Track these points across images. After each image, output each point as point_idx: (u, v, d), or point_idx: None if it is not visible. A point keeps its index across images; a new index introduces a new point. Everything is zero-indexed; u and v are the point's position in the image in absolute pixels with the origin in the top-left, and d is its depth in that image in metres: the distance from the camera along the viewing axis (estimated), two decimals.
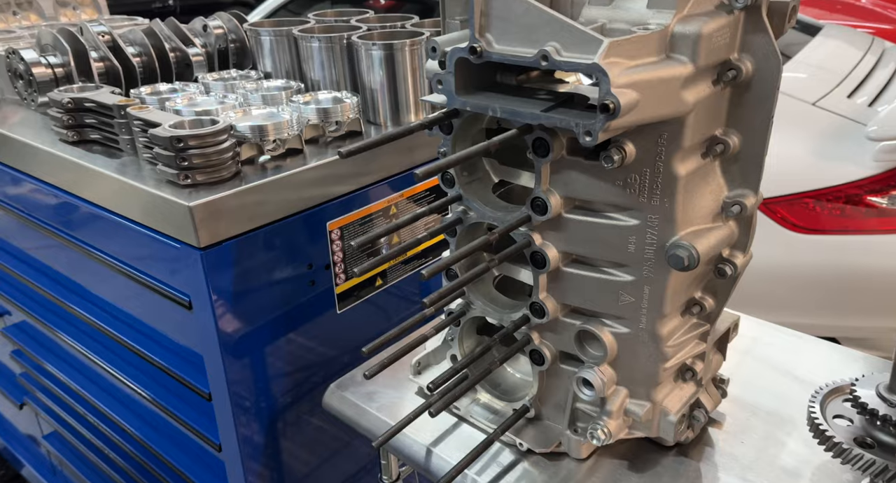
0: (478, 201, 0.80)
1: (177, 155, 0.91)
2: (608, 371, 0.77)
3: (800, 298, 2.16)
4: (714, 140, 0.67)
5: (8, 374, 1.90)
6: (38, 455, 2.05)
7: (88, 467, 1.70)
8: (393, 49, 1.17)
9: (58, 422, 1.67)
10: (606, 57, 0.57)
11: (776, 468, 0.80)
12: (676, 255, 0.66)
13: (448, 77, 0.70)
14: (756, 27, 0.62)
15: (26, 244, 1.42)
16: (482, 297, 0.87)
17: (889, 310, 2.11)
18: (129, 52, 1.31)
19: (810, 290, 2.14)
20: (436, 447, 0.88)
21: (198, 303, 0.97)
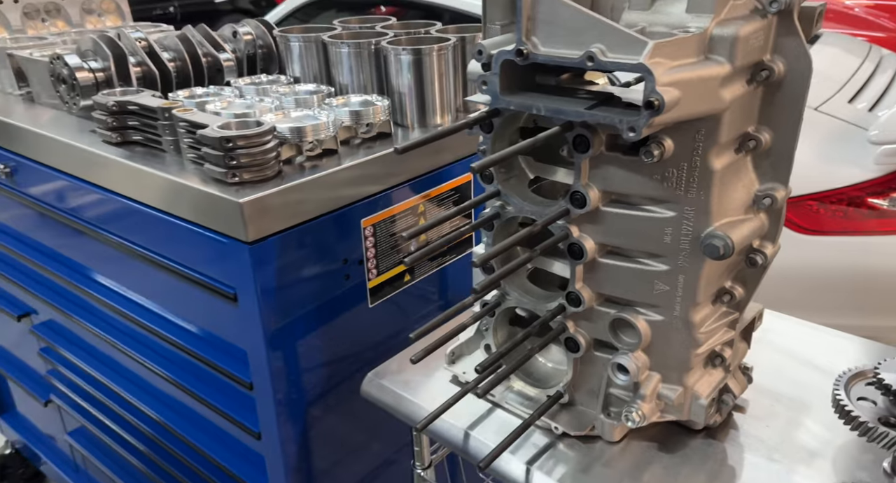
0: (516, 196, 0.83)
1: (225, 154, 0.94)
2: (642, 357, 0.80)
3: (803, 297, 2.19)
4: (747, 136, 0.70)
5: (33, 372, 1.93)
6: (59, 452, 2.07)
7: (115, 462, 1.72)
8: (421, 54, 1.20)
9: (85, 417, 1.70)
10: (651, 57, 0.60)
11: (800, 449, 0.83)
12: (712, 245, 0.69)
13: (493, 78, 0.73)
14: (788, 30, 0.65)
15: (62, 243, 1.44)
16: (517, 289, 0.90)
17: (890, 309, 2.14)
18: (165, 57, 1.34)
19: (813, 289, 2.17)
20: (473, 430, 0.90)
21: (243, 295, 0.99)
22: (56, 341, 1.65)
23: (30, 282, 1.63)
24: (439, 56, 1.21)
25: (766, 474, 0.80)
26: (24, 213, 1.50)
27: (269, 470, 1.15)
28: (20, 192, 1.42)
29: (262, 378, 1.05)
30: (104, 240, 1.24)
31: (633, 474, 0.82)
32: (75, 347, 1.62)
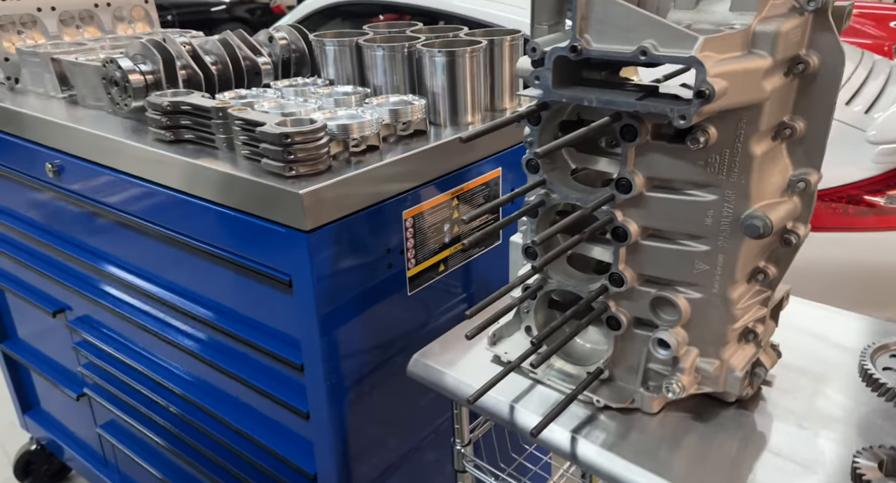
0: (561, 185, 0.88)
1: (284, 149, 0.99)
2: (681, 333, 0.85)
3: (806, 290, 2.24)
4: (783, 125, 0.75)
5: (63, 368, 1.96)
6: (88, 447, 2.09)
7: (149, 453, 1.75)
8: (455, 56, 1.25)
9: (120, 409, 1.73)
10: (702, 51, 0.65)
11: (826, 417, 0.88)
12: (753, 225, 0.74)
13: (546, 73, 0.78)
14: (823, 27, 0.70)
15: (107, 239, 1.48)
16: (560, 273, 0.94)
17: (888, 301, 2.20)
18: (207, 60, 1.38)
19: (816, 283, 2.22)
20: (517, 404, 0.95)
21: (299, 282, 1.04)
22: (92, 335, 1.69)
23: (69, 278, 1.67)
24: (472, 58, 1.26)
25: (795, 439, 0.85)
26: (69, 211, 1.54)
27: (317, 449, 1.19)
28: (67, 190, 1.46)
29: (313, 360, 1.09)
30: (154, 234, 1.29)
31: (671, 441, 0.86)
32: (112, 340, 1.66)
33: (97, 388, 1.82)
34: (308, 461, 1.23)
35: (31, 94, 1.64)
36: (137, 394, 1.63)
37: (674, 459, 0.83)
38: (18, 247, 1.84)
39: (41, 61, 1.59)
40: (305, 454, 1.24)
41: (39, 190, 1.60)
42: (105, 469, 2.05)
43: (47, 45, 1.69)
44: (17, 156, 1.58)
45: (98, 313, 1.66)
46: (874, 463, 0.76)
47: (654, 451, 0.85)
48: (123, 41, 1.76)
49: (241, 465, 1.40)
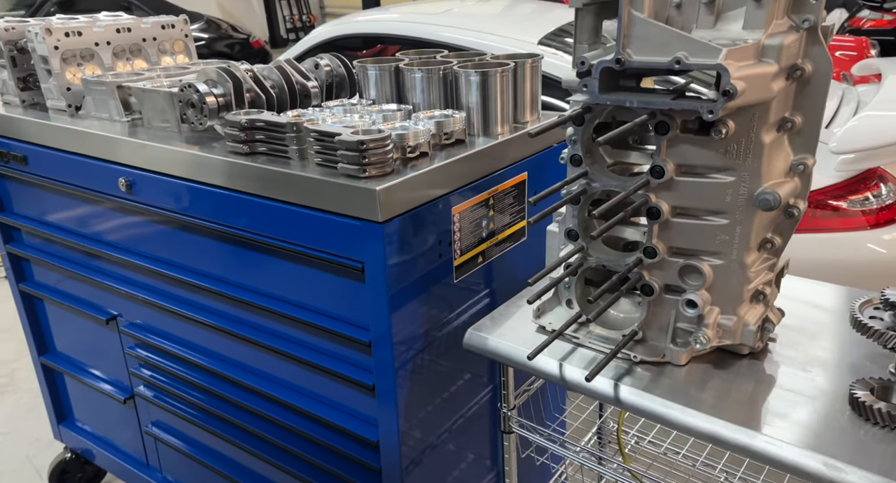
0: (602, 176, 1.02)
1: (360, 154, 1.12)
2: (706, 294, 0.99)
3: None
4: (785, 119, 0.91)
5: (107, 375, 2.03)
6: (127, 452, 2.15)
7: (200, 447, 1.83)
8: (487, 75, 1.39)
9: (175, 406, 1.81)
10: (726, 59, 0.80)
11: (824, 362, 1.02)
12: (765, 199, 0.89)
13: (593, 82, 0.92)
14: (814, 41, 0.86)
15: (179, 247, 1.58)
16: (598, 251, 1.08)
17: None
18: (268, 84, 1.52)
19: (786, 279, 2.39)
20: (565, 362, 1.08)
21: (371, 268, 1.16)
22: (149, 337, 1.78)
23: (129, 285, 1.76)
24: (502, 76, 1.40)
25: (800, 379, 0.99)
26: (139, 223, 1.64)
27: (381, 418, 1.30)
28: (138, 202, 1.57)
29: (381, 338, 1.21)
30: (227, 237, 1.40)
31: (698, 384, 1.00)
32: (170, 340, 1.75)
33: (150, 388, 1.89)
34: (370, 430, 1.34)
35: (94, 119, 1.75)
36: (194, 388, 1.72)
37: (702, 396, 0.97)
38: (69, 260, 1.92)
39: (107, 89, 1.71)
40: (367, 425, 1.34)
41: (103, 204, 1.70)
42: (147, 470, 2.11)
43: (109, 75, 1.80)
44: (85, 173, 1.69)
45: (156, 317, 1.75)
46: (867, 390, 0.90)
47: (684, 391, 0.98)
48: (174, 71, 1.88)
49: (301, 444, 1.50)
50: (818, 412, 0.91)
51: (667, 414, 0.95)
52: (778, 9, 0.84)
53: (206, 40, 8.01)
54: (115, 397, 2.03)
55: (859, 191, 2.39)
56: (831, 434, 0.87)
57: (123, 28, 1.97)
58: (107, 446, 2.22)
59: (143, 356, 1.84)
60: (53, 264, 1.95)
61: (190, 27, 2.18)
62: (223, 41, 8.15)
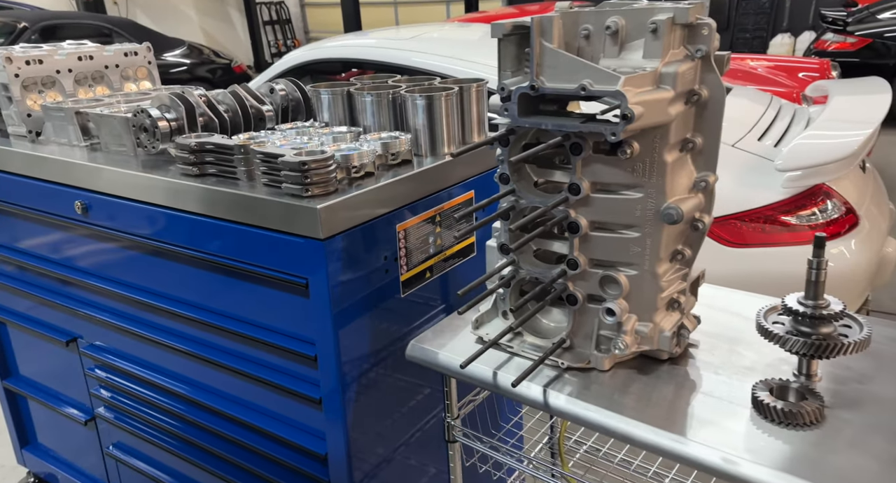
0: (527, 192, 1.10)
1: (302, 175, 1.19)
2: (623, 303, 1.07)
3: None
4: (686, 140, 0.99)
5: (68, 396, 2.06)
6: (88, 474, 2.17)
7: (160, 465, 1.86)
8: (433, 99, 1.48)
9: (134, 426, 1.84)
10: (624, 86, 0.89)
11: (738, 367, 1.10)
12: (669, 214, 0.97)
13: (513, 106, 1.01)
14: (708, 69, 0.95)
15: (134, 267, 1.63)
16: (528, 264, 1.16)
17: None
18: (221, 109, 1.59)
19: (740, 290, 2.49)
20: (499, 371, 1.14)
21: (315, 283, 1.22)
22: (107, 358, 1.82)
23: (86, 307, 1.80)
24: (447, 100, 1.49)
25: (715, 382, 1.07)
26: (93, 245, 1.69)
27: (328, 430, 1.35)
28: (95, 225, 1.62)
29: (326, 352, 1.27)
30: (178, 257, 1.46)
31: (621, 389, 1.07)
32: (128, 360, 1.79)
33: (111, 410, 1.93)
34: (318, 444, 1.39)
35: (54, 144, 1.80)
36: (152, 408, 1.76)
37: (624, 401, 1.04)
38: (29, 283, 1.96)
39: (66, 115, 1.77)
40: (315, 438, 1.40)
41: (61, 227, 1.75)
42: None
43: (69, 101, 1.86)
44: (43, 197, 1.74)
45: (113, 337, 1.79)
46: (767, 390, 0.98)
47: (608, 396, 1.05)
48: (134, 97, 1.95)
49: (253, 459, 1.54)
50: (726, 412, 0.99)
51: (589, 417, 1.02)
52: (674, 40, 0.93)
53: (187, 66, 8.11)
54: (77, 419, 2.06)
55: (806, 206, 2.51)
56: (734, 432, 0.94)
57: (85, 56, 2.04)
58: (69, 469, 2.24)
59: (103, 377, 1.88)
60: (13, 287, 1.99)
61: (152, 54, 2.25)
62: (205, 66, 8.26)
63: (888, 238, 2.73)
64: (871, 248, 2.55)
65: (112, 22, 8.19)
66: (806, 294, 0.99)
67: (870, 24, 7.51)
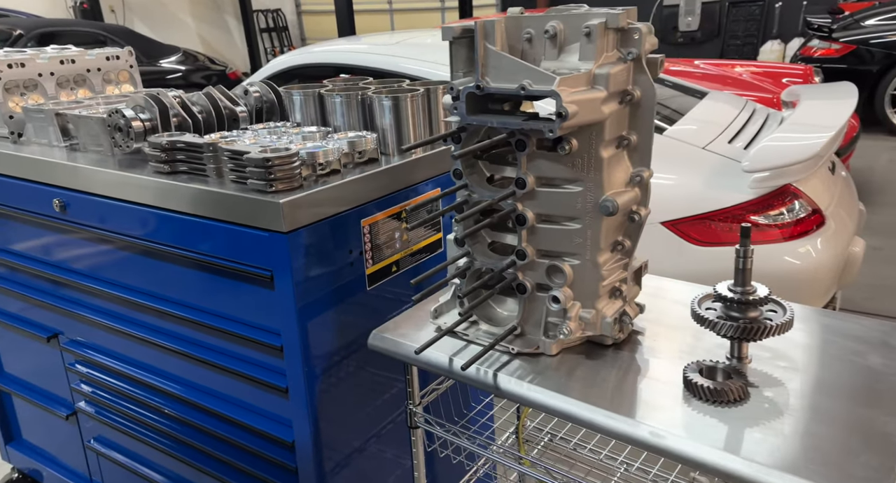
0: (478, 187, 1.17)
1: (266, 171, 1.26)
2: (568, 291, 1.14)
3: None
4: (622, 137, 1.06)
5: (50, 392, 2.11)
6: (71, 468, 2.22)
7: (139, 457, 1.92)
8: (399, 100, 1.55)
9: (113, 419, 1.90)
10: (559, 86, 0.96)
11: (677, 351, 1.17)
12: (606, 206, 1.04)
13: (461, 105, 1.08)
14: (640, 70, 1.02)
15: (110, 263, 1.69)
16: (482, 255, 1.22)
17: None
18: (195, 109, 1.65)
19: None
20: (455, 357, 1.21)
21: (279, 275, 1.29)
22: (87, 352, 1.87)
23: (66, 303, 1.86)
24: (412, 101, 1.56)
25: (657, 367, 1.13)
26: (71, 241, 1.75)
27: (295, 419, 1.41)
28: (73, 222, 1.68)
29: (292, 342, 1.33)
30: (151, 252, 1.52)
31: (568, 373, 1.14)
32: (106, 355, 1.85)
33: (90, 404, 1.98)
34: (286, 431, 1.45)
35: (35, 145, 1.86)
36: (130, 401, 1.81)
37: (571, 384, 1.10)
38: (11, 280, 2.02)
39: (46, 117, 1.83)
40: (283, 426, 1.46)
41: (41, 225, 1.80)
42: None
43: (49, 103, 1.93)
44: (22, 195, 1.80)
45: (92, 333, 1.85)
46: (697, 372, 1.04)
47: (555, 379, 1.12)
48: (114, 99, 2.01)
49: (225, 448, 1.60)
50: (661, 392, 1.06)
51: (535, 398, 1.09)
52: (607, 43, 1.01)
53: (182, 72, 8.20)
54: (58, 414, 2.11)
55: (774, 206, 2.59)
56: (666, 409, 1.01)
57: (67, 59, 2.10)
58: (52, 464, 2.29)
59: (83, 372, 1.93)
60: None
61: (134, 58, 2.31)
62: (200, 73, 8.35)
63: (855, 238, 2.82)
64: (838, 246, 2.63)
65: (107, 29, 8.27)
66: (735, 281, 1.06)
67: (854, 31, 7.65)
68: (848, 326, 1.19)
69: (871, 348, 1.11)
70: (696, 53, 10.94)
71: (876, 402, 0.97)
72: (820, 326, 1.21)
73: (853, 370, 1.06)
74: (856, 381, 1.03)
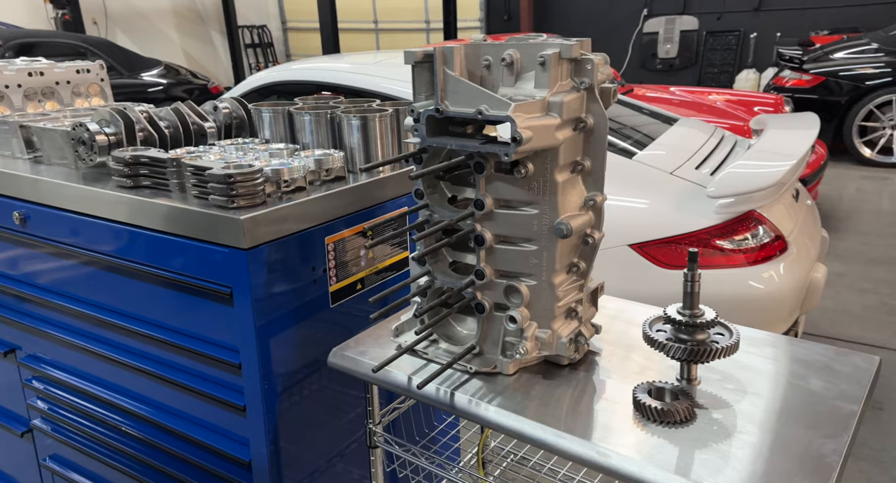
0: (439, 207, 1.20)
1: (227, 187, 1.28)
2: (525, 311, 1.16)
3: None
4: (576, 163, 1.10)
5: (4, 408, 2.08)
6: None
7: (95, 477, 1.89)
8: (367, 119, 1.58)
9: (69, 436, 1.87)
10: (514, 112, 0.99)
11: (630, 372, 1.20)
12: (560, 229, 1.08)
13: (421, 127, 1.11)
14: (593, 99, 1.07)
15: (68, 277, 1.68)
16: (442, 275, 1.25)
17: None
18: (162, 124, 1.66)
19: None
20: (414, 376, 1.22)
21: (238, 292, 1.30)
22: (44, 368, 1.85)
23: (23, 317, 1.84)
24: (380, 121, 1.59)
25: (611, 387, 1.16)
26: (30, 255, 1.74)
27: (252, 437, 1.41)
28: (32, 235, 1.67)
29: (250, 359, 1.34)
30: (110, 266, 1.52)
31: (525, 392, 1.16)
32: (63, 371, 1.83)
33: (47, 421, 1.95)
34: (243, 450, 1.45)
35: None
36: (87, 418, 1.79)
37: (527, 404, 1.12)
38: None
39: (10, 128, 1.83)
40: (240, 445, 1.45)
41: (1, 237, 1.79)
42: None
43: (15, 115, 1.92)
44: None
45: (51, 348, 1.83)
46: (646, 392, 1.07)
47: (511, 399, 1.14)
48: (82, 113, 2.02)
49: (183, 467, 1.59)
50: (614, 412, 1.08)
51: (490, 417, 1.11)
52: (561, 72, 1.05)
53: (163, 86, 8.18)
54: (13, 431, 2.07)
55: (738, 231, 2.66)
56: (616, 429, 1.04)
57: (36, 71, 2.11)
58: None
59: (40, 389, 1.91)
60: None
61: (105, 71, 2.32)
62: (181, 87, 8.34)
63: (817, 264, 2.90)
64: (800, 272, 2.70)
65: (88, 41, 8.24)
66: (683, 304, 1.10)
67: (824, 63, 7.90)
68: (795, 350, 1.24)
69: (814, 372, 1.15)
70: (675, 80, 11.22)
71: (814, 424, 1.01)
72: (769, 350, 1.25)
73: (796, 393, 1.10)
74: (797, 403, 1.07)
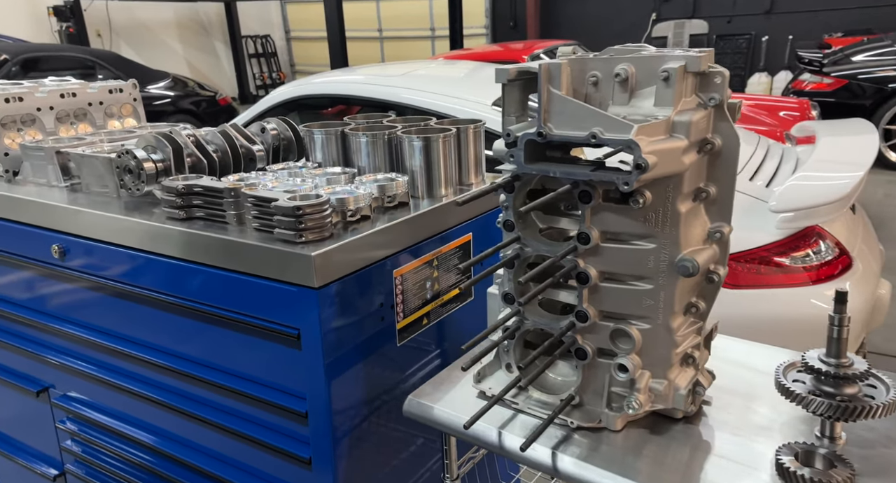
0: (533, 240, 1.06)
1: (296, 220, 1.14)
2: (636, 358, 1.02)
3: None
4: (700, 190, 0.96)
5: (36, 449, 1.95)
6: None
7: None
8: (430, 140, 1.44)
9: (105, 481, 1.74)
10: (637, 135, 0.85)
11: (755, 426, 1.05)
12: (684, 266, 0.93)
13: (519, 152, 0.97)
14: (721, 117, 0.92)
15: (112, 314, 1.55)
16: (534, 314, 1.11)
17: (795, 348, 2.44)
18: (210, 149, 1.54)
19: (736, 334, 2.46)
20: (504, 430, 1.08)
21: (307, 335, 1.16)
22: (81, 409, 1.72)
23: (60, 355, 1.71)
24: (444, 142, 1.46)
25: (733, 445, 1.01)
26: (71, 290, 1.61)
27: None
28: (72, 269, 1.55)
29: (318, 407, 1.20)
30: (160, 304, 1.39)
31: (634, 451, 1.01)
32: (102, 413, 1.69)
33: (81, 464, 1.82)
34: None
35: (32, 185, 1.73)
36: (125, 463, 1.66)
37: (638, 465, 0.98)
38: (2, 329, 1.87)
39: (45, 155, 1.70)
40: None
41: (37, 271, 1.67)
42: None
43: (49, 140, 1.80)
44: (16, 240, 1.66)
45: (87, 388, 1.70)
46: (792, 456, 0.92)
47: (620, 459, 0.99)
48: (118, 136, 1.89)
49: None
50: (746, 478, 0.93)
51: (600, 482, 0.96)
52: (686, 88, 0.91)
53: (171, 98, 8.11)
54: (46, 475, 1.94)
55: (800, 248, 2.50)
56: None
57: (68, 93, 1.99)
58: None
59: (75, 430, 1.78)
60: None
61: (138, 91, 2.20)
62: (189, 99, 8.26)
63: (881, 280, 2.73)
64: (866, 290, 2.53)
65: (95, 54, 8.19)
66: (828, 352, 0.95)
67: (845, 65, 7.72)
68: None
69: None
70: None
71: None
72: None
73: None
74: None
